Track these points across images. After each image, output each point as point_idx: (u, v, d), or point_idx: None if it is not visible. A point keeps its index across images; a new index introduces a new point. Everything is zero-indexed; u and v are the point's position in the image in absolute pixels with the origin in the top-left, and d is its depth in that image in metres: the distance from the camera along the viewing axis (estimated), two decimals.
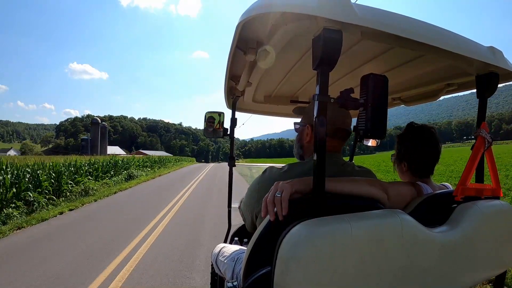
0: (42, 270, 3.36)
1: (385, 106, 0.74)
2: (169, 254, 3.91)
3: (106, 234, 4.92)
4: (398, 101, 1.69)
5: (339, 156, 1.05)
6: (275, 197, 0.73)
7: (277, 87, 1.62)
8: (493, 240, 0.93)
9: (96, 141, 77.80)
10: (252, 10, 0.72)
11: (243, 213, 1.10)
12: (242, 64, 1.18)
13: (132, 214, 6.50)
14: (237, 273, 1.20)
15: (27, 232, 5.10)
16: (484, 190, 0.95)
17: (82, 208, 7.37)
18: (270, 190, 0.77)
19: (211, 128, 1.81)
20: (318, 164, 0.67)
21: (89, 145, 79.06)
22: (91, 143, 79.68)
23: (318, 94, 0.66)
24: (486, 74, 0.93)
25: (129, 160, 18.52)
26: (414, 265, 0.73)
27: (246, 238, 1.77)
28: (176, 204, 7.83)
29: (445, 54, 0.79)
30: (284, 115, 2.19)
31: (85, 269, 3.39)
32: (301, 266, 0.60)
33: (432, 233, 0.78)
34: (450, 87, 1.32)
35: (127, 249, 4.12)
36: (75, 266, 3.48)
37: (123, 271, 3.35)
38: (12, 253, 4.00)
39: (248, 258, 0.80)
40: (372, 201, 0.83)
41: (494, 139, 0.92)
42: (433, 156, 1.21)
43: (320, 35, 0.65)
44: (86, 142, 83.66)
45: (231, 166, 1.94)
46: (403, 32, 0.68)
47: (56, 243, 4.45)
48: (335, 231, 0.63)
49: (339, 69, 1.25)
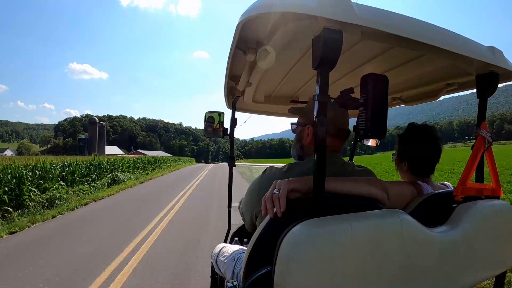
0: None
1: (385, 106, 0.74)
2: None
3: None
4: (398, 101, 1.69)
5: (338, 156, 1.05)
6: (273, 194, 0.74)
7: (277, 87, 1.62)
8: (493, 240, 0.93)
9: (94, 141, 74.94)
10: (252, 10, 0.72)
11: (243, 212, 1.10)
12: (242, 64, 1.18)
13: (87, 247, 4.07)
14: (237, 273, 1.20)
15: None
16: (484, 190, 0.95)
17: (28, 231, 5.02)
18: (270, 189, 0.77)
19: (211, 128, 1.81)
20: (318, 164, 0.67)
21: (86, 145, 76.40)
22: (89, 143, 76.61)
23: (318, 94, 0.66)
24: (486, 74, 0.93)
25: (118, 161, 15.91)
26: (414, 265, 0.73)
27: (246, 238, 1.76)
28: (158, 226, 5.26)
29: (445, 54, 0.79)
30: (284, 115, 2.18)
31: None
32: (301, 266, 0.60)
33: (432, 233, 0.78)
34: (450, 87, 1.32)
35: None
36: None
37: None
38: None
39: (248, 258, 0.80)
40: (372, 201, 0.83)
41: (496, 139, 0.92)
42: (434, 156, 1.21)
43: (320, 35, 0.65)
44: (83, 142, 79.52)
45: (231, 166, 1.95)
46: (403, 32, 0.68)
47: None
48: (335, 231, 0.63)
49: (339, 69, 1.25)
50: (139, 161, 20.53)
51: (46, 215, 6.15)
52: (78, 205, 7.42)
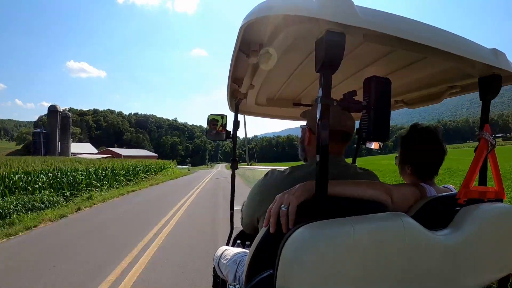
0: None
1: (388, 109, 0.74)
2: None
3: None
4: (401, 103, 1.69)
5: (341, 158, 1.05)
6: (281, 211, 0.73)
7: (280, 89, 1.62)
8: (497, 243, 0.92)
9: (54, 136, 56.22)
10: (255, 13, 0.72)
11: (243, 215, 1.10)
12: (244, 66, 1.18)
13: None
14: (239, 276, 1.20)
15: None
16: (488, 192, 0.94)
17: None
18: (275, 201, 0.77)
19: (214, 130, 1.81)
20: (321, 167, 0.67)
21: (42, 141, 56.10)
22: (47, 138, 56.82)
23: (321, 97, 0.66)
24: (489, 76, 0.93)
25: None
26: (416, 268, 0.72)
27: (248, 241, 1.76)
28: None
29: (447, 56, 0.79)
30: (287, 118, 2.19)
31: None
32: (304, 269, 0.59)
33: (435, 236, 0.78)
34: (453, 89, 1.32)
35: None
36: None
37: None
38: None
39: (251, 260, 0.80)
40: (376, 204, 0.83)
41: (509, 138, 0.91)
42: (438, 158, 1.20)
43: (323, 37, 0.65)
44: (38, 137, 57.15)
45: (233, 169, 1.95)
46: (405, 34, 0.69)
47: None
48: (338, 234, 0.63)
49: (342, 71, 1.25)
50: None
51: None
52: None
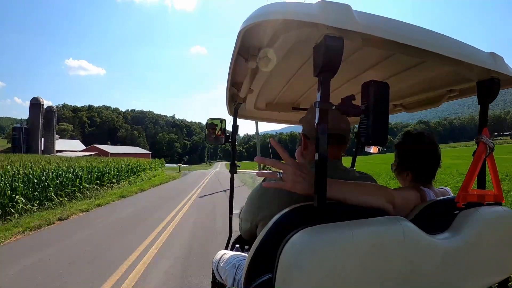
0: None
1: (387, 113, 0.74)
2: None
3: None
4: (400, 107, 1.70)
5: (339, 163, 1.05)
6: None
7: (278, 94, 1.63)
8: (496, 246, 0.92)
9: (36, 132, 50.21)
10: (254, 17, 0.72)
11: (241, 219, 1.09)
12: (244, 71, 1.18)
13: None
14: (238, 280, 1.19)
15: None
16: (486, 196, 0.94)
17: None
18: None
19: (213, 135, 1.80)
20: (319, 171, 0.67)
21: (22, 137, 49.83)
22: (28, 134, 50.49)
23: (319, 101, 0.67)
24: (487, 80, 0.93)
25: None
26: (416, 272, 0.72)
27: (247, 245, 1.75)
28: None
29: (446, 60, 0.79)
30: (286, 122, 2.19)
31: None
32: (302, 274, 0.59)
33: (434, 239, 0.78)
34: (451, 93, 1.32)
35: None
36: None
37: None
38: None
39: (249, 265, 0.80)
40: (376, 208, 0.82)
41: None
42: (436, 162, 1.23)
43: (321, 42, 0.65)
44: (18, 132, 50.74)
45: (232, 173, 1.95)
46: (403, 39, 0.69)
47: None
48: (337, 238, 0.63)
49: (340, 76, 1.25)
50: None
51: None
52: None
